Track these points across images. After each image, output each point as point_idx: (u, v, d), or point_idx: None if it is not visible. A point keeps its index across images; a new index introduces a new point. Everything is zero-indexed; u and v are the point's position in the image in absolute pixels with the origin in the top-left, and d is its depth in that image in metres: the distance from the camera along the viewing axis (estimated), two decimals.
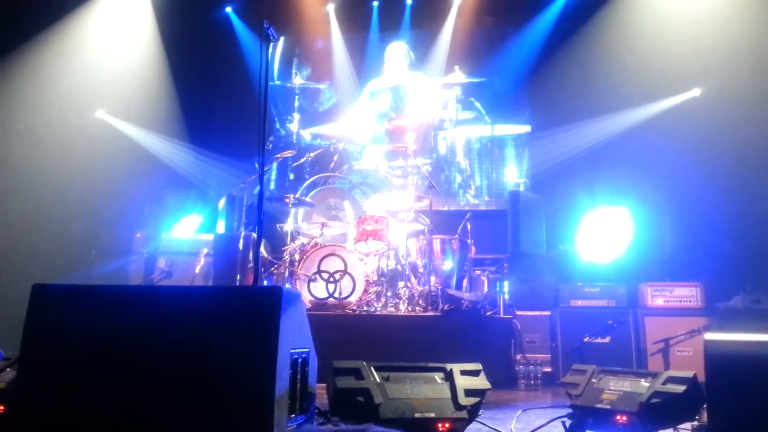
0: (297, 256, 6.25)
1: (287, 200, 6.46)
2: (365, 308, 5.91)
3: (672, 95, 7.60)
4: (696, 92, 7.54)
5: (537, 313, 6.15)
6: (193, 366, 2.47)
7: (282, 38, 9.16)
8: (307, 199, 6.92)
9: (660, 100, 7.61)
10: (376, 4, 8.95)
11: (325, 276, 5.97)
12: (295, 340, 2.67)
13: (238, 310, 2.55)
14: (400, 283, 6.16)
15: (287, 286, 6.09)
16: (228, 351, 2.46)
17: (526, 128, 8.42)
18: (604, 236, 6.68)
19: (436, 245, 6.21)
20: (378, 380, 2.87)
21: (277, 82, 9.01)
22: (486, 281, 6.43)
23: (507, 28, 8.72)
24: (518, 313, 6.04)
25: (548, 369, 5.75)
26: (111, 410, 2.47)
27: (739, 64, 6.99)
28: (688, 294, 5.91)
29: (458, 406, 2.83)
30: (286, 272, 6.24)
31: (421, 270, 6.22)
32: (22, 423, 2.53)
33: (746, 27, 7.03)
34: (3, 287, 6.73)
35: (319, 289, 5.96)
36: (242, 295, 2.86)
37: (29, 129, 7.89)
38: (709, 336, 2.65)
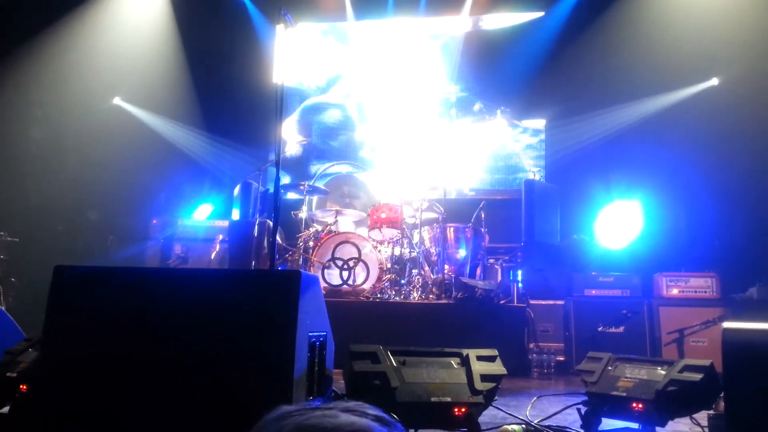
0: (311, 243, 6.27)
1: (302, 187, 6.48)
2: (379, 295, 5.93)
3: (690, 85, 7.52)
4: (714, 82, 7.45)
5: (551, 302, 6.14)
6: (214, 347, 2.50)
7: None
8: (322, 186, 6.94)
9: (677, 90, 7.53)
10: None
11: (339, 263, 6.00)
12: (313, 323, 2.68)
13: (258, 292, 2.57)
14: (414, 271, 6.17)
15: None
16: (247, 333, 2.48)
17: (541, 119, 8.37)
18: (621, 223, 6.67)
19: (450, 233, 6.20)
20: (394, 364, 2.87)
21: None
22: (500, 270, 6.42)
23: (523, 17, 8.64)
24: (532, 302, 6.02)
25: (561, 358, 5.73)
26: (131, 390, 2.50)
27: (759, 53, 6.89)
28: (703, 284, 5.86)
29: (474, 391, 2.83)
30: (300, 259, 6.27)
31: (434, 258, 6.22)
32: (44, 402, 2.57)
33: (765, 14, 6.93)
34: (23, 271, 6.84)
35: (334, 277, 5.98)
36: (262, 278, 2.88)
37: (47, 116, 7.98)
38: (728, 324, 2.63)
